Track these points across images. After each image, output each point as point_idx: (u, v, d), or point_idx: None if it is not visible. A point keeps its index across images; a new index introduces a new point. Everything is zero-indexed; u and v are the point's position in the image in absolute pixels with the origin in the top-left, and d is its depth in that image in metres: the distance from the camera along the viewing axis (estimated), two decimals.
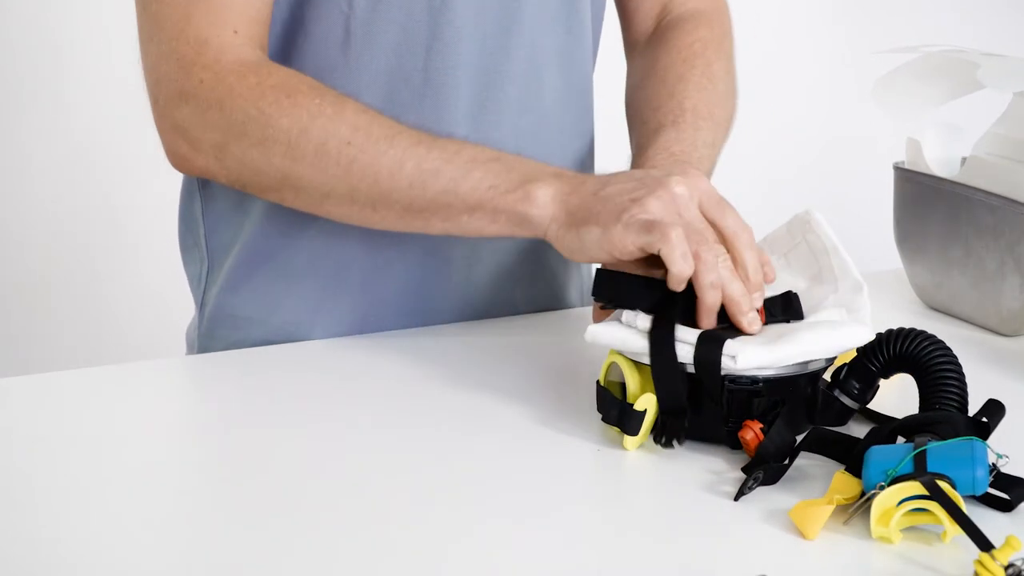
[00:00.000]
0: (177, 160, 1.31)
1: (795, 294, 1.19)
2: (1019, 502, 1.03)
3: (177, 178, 1.47)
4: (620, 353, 1.15)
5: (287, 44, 1.34)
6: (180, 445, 1.20)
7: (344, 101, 1.26)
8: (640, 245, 1.13)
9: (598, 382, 1.17)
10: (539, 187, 1.20)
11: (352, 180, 1.24)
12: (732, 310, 1.14)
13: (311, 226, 1.37)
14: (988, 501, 1.03)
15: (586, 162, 1.50)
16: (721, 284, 1.13)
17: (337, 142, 1.24)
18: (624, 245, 1.14)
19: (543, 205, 1.19)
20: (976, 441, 1.01)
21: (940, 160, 1.50)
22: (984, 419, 1.09)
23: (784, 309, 1.18)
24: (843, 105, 2.98)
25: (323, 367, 1.32)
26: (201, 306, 1.46)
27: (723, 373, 1.10)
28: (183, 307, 1.57)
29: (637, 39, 1.54)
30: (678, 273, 1.12)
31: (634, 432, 1.12)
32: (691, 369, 1.11)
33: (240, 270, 1.41)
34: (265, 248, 1.40)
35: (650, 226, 1.12)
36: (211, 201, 1.43)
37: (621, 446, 1.13)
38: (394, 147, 1.24)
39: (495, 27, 1.36)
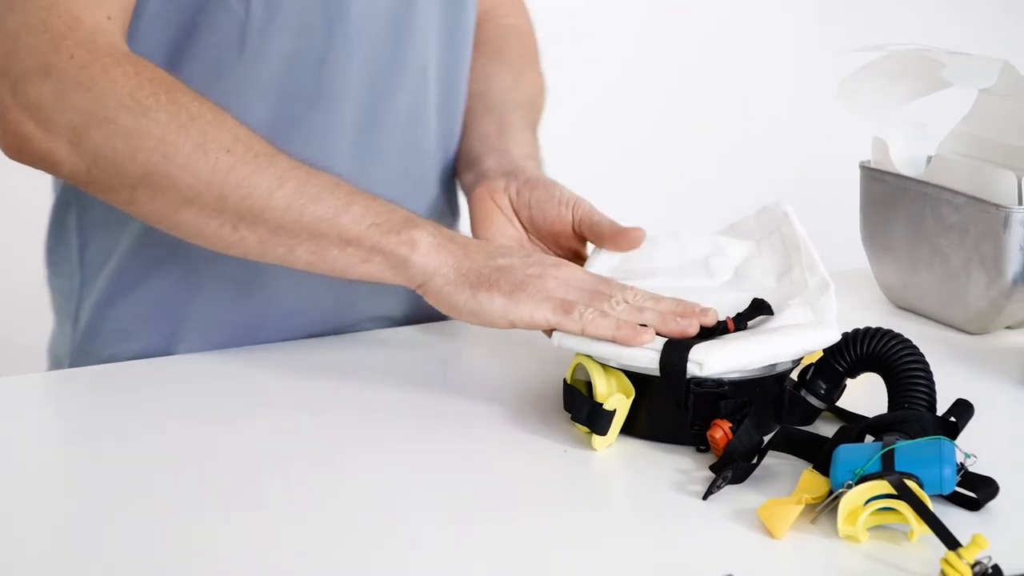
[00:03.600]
0: (16, 141, 1.21)
1: (762, 300, 1.19)
2: (987, 501, 1.03)
3: (45, 187, 1.41)
4: (587, 355, 1.15)
5: (178, 49, 1.29)
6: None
7: (223, 111, 1.21)
8: (554, 323, 1.15)
9: (565, 380, 1.17)
10: (421, 234, 1.19)
11: (224, 189, 1.18)
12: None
13: (188, 242, 1.30)
14: (956, 500, 1.03)
15: (449, 170, 1.48)
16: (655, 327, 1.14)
17: (217, 147, 1.18)
18: (534, 318, 1.15)
19: (425, 253, 1.18)
20: (944, 440, 1.01)
21: (906, 159, 1.50)
22: (952, 418, 1.09)
23: (753, 315, 1.18)
24: (809, 104, 2.99)
25: (277, 372, 1.31)
26: (75, 321, 1.40)
27: (688, 377, 1.11)
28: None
29: None
30: (626, 343, 1.13)
31: (603, 432, 1.12)
32: (656, 373, 1.12)
33: (119, 283, 1.36)
34: (146, 261, 1.36)
35: (568, 307, 1.15)
36: (87, 212, 1.38)
37: (588, 446, 1.13)
38: (274, 165, 1.19)
39: (387, 39, 1.34)
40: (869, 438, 1.08)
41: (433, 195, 1.44)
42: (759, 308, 1.18)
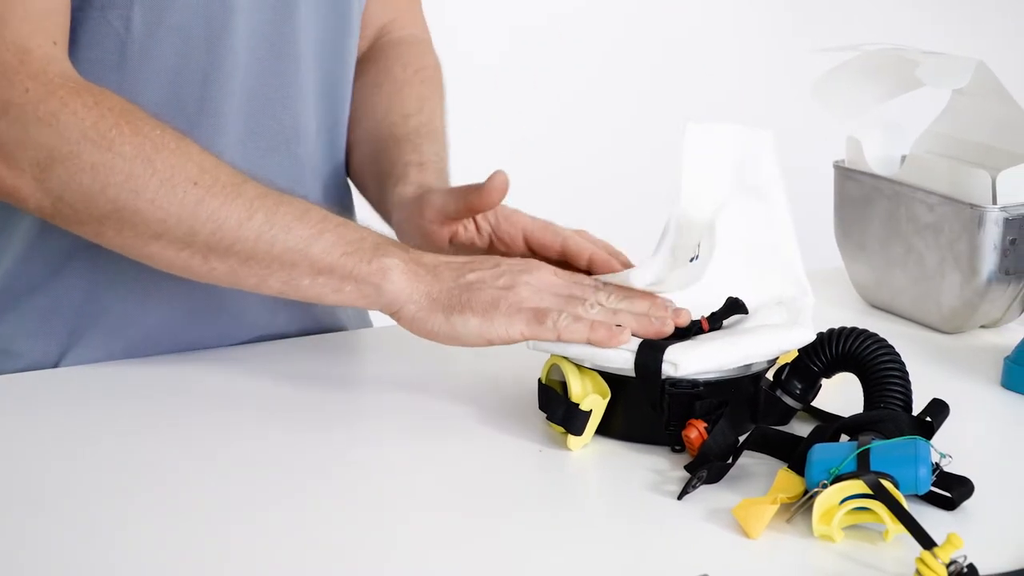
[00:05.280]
0: None
1: (737, 299, 1.18)
2: (962, 500, 1.03)
3: None
4: (563, 356, 1.15)
5: None
6: None
7: (186, 138, 1.19)
8: (529, 335, 1.15)
9: (540, 380, 1.16)
10: (392, 261, 1.18)
11: (194, 223, 1.17)
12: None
13: (76, 257, 1.30)
14: (932, 500, 1.03)
15: (341, 187, 1.47)
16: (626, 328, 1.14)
17: (184, 179, 1.17)
18: (509, 334, 1.15)
19: (396, 281, 1.17)
20: (920, 440, 1.01)
21: (880, 158, 1.50)
22: (928, 418, 1.09)
23: (727, 314, 1.18)
24: (783, 103, 2.99)
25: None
26: None
27: (663, 377, 1.10)
28: None
29: None
30: (601, 344, 1.13)
31: (579, 432, 1.12)
32: (631, 374, 1.12)
33: (0, 301, 1.32)
34: (28, 280, 1.31)
35: (542, 316, 1.14)
36: None
37: (563, 446, 1.13)
38: (242, 195, 1.18)
39: (269, 52, 1.32)
40: (845, 438, 1.08)
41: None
42: (733, 307, 1.18)
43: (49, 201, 1.18)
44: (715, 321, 1.17)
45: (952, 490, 1.03)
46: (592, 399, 1.12)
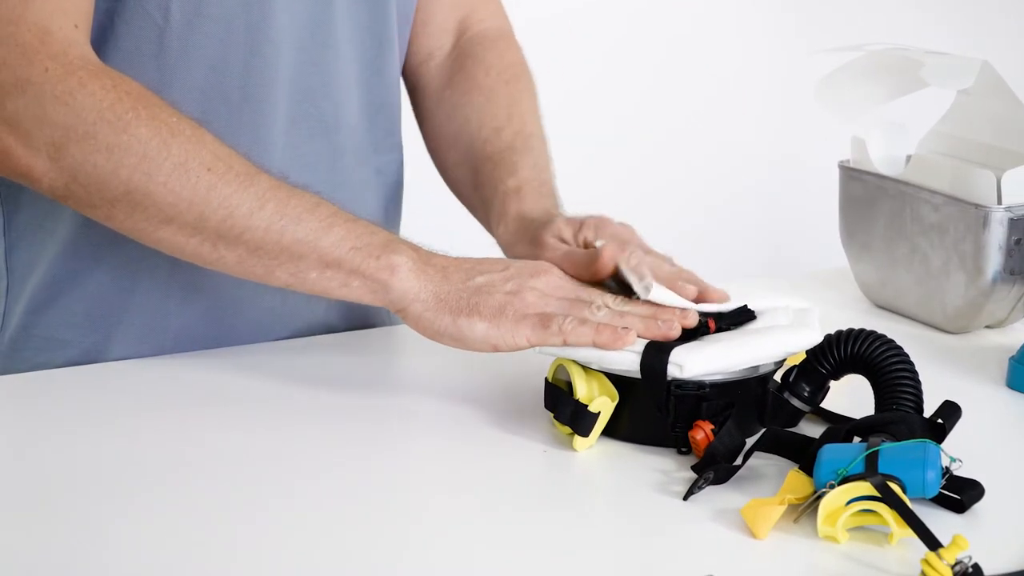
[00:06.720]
0: None
1: (746, 307, 1.18)
2: (972, 503, 1.03)
3: None
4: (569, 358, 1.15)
5: (94, 50, 1.24)
6: None
7: (201, 126, 1.20)
8: (535, 341, 1.15)
9: (546, 379, 1.16)
10: (400, 259, 1.18)
11: (205, 208, 1.17)
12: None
13: (119, 248, 1.30)
14: (941, 502, 1.03)
15: (397, 175, 1.48)
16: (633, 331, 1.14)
17: (197, 164, 1.17)
18: (516, 341, 1.15)
19: (404, 279, 1.17)
20: (929, 444, 1.01)
21: (885, 158, 1.50)
22: (940, 420, 1.09)
23: (735, 320, 1.18)
24: (788, 102, 2.99)
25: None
26: (2, 326, 1.37)
27: (669, 379, 1.10)
28: None
29: (431, 53, 1.51)
30: (607, 346, 1.13)
31: (586, 433, 1.12)
32: (636, 376, 1.12)
33: (47, 291, 1.34)
34: (73, 269, 1.33)
35: (547, 321, 1.14)
36: (14, 216, 1.34)
37: (568, 446, 1.13)
38: (255, 184, 1.18)
39: (310, 41, 1.32)
40: (856, 439, 1.08)
41: (365, 201, 1.42)
42: (742, 313, 1.18)
43: (63, 181, 1.18)
44: (722, 321, 1.17)
45: (962, 493, 1.03)
46: (601, 401, 1.12)
